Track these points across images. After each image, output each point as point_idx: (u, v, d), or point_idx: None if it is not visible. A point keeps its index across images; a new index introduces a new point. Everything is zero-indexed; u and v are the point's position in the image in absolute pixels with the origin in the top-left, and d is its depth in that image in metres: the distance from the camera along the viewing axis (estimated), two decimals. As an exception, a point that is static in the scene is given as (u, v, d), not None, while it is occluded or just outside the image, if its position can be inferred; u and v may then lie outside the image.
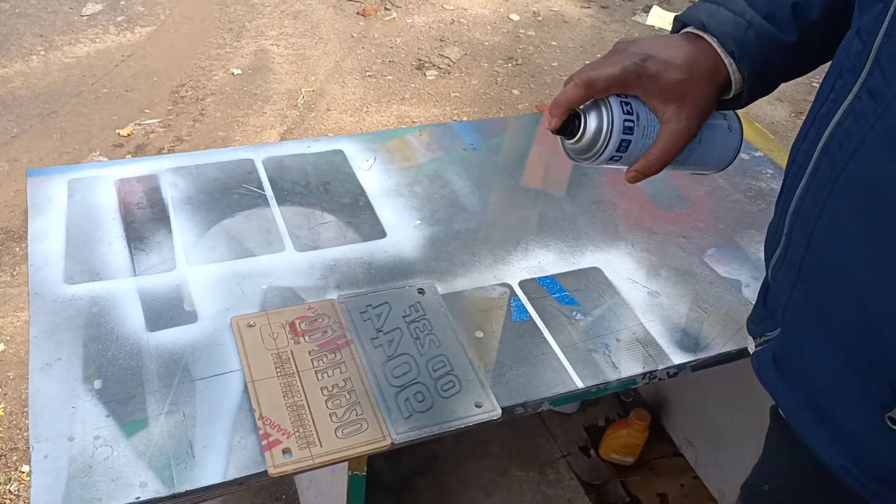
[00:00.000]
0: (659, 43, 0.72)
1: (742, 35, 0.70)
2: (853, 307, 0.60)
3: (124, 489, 0.76)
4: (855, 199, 0.59)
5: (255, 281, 1.01)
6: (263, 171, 1.21)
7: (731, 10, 0.71)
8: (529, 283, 1.06)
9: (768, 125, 3.07)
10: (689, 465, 1.67)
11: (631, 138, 0.70)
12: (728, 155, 0.78)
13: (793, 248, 0.67)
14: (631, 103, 0.70)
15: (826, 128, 0.62)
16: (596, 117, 0.70)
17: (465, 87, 3.14)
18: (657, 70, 0.70)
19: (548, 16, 3.75)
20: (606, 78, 0.69)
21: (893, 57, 0.55)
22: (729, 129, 0.77)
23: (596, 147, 0.70)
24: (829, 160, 0.61)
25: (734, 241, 1.18)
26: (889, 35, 0.56)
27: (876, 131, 0.56)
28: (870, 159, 0.57)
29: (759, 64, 0.71)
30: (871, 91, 0.57)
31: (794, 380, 0.69)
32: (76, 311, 0.94)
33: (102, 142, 2.63)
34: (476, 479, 1.60)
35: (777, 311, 0.71)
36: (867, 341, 0.60)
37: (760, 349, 0.75)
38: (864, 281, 0.59)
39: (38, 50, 3.09)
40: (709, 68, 0.71)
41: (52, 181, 1.14)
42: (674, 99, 0.70)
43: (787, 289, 0.69)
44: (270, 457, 0.80)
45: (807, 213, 0.64)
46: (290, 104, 2.92)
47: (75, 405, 0.83)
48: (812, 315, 0.66)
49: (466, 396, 0.89)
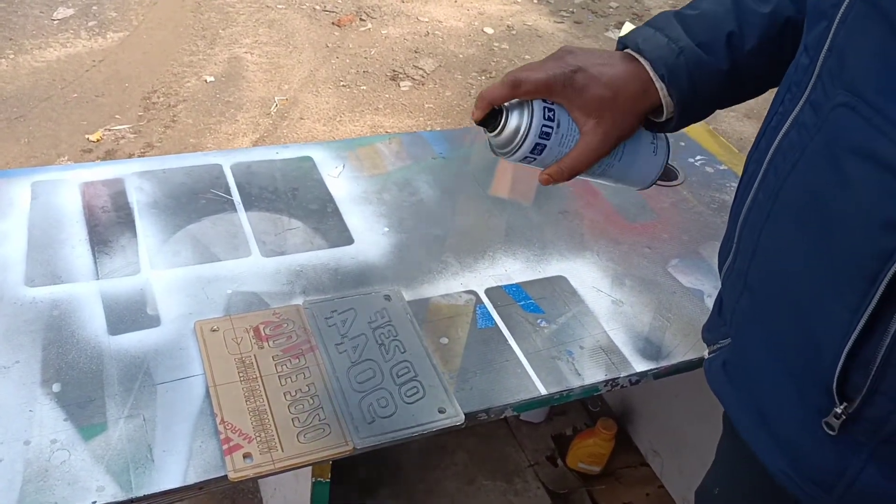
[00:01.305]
0: (596, 57, 0.73)
1: (673, 61, 0.72)
2: (791, 314, 0.62)
3: (81, 493, 0.75)
4: (795, 208, 0.61)
5: (220, 286, 1.01)
6: (231, 177, 1.20)
7: (667, 36, 0.73)
8: (495, 291, 1.07)
9: (736, 141, 3.13)
10: (654, 475, 1.68)
11: (547, 143, 0.72)
12: (648, 177, 0.80)
13: (741, 257, 0.69)
14: (555, 110, 0.72)
15: (775, 139, 0.64)
16: (517, 117, 0.72)
17: (438, 98, 3.15)
18: (584, 83, 0.71)
19: (522, 30, 3.79)
20: (533, 82, 0.71)
21: (833, 71, 0.57)
22: (654, 152, 0.79)
23: (512, 145, 0.73)
24: (774, 170, 0.63)
25: (697, 252, 1.20)
26: (830, 50, 0.58)
27: (815, 142, 0.58)
28: (809, 169, 0.59)
29: (689, 90, 0.73)
30: (813, 104, 0.59)
31: (740, 386, 0.70)
32: (36, 314, 0.93)
33: (71, 147, 2.60)
34: (443, 488, 1.60)
35: (727, 319, 0.73)
36: (803, 347, 0.61)
37: (712, 356, 0.77)
38: (802, 288, 0.60)
39: (7, 53, 3.05)
40: (637, 90, 0.73)
41: (15, 184, 1.12)
42: (594, 114, 0.72)
43: (734, 296, 0.70)
44: (231, 461, 0.79)
45: (753, 222, 0.66)
46: (263, 112, 2.91)
47: (33, 408, 0.82)
48: (756, 322, 0.67)
49: (430, 402, 0.89)
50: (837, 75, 0.56)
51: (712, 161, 1.43)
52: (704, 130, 1.53)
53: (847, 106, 0.55)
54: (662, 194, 1.32)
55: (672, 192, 1.33)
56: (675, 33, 0.73)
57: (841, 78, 0.56)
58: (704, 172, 1.40)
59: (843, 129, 0.55)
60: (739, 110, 3.34)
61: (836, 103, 0.56)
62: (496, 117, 0.73)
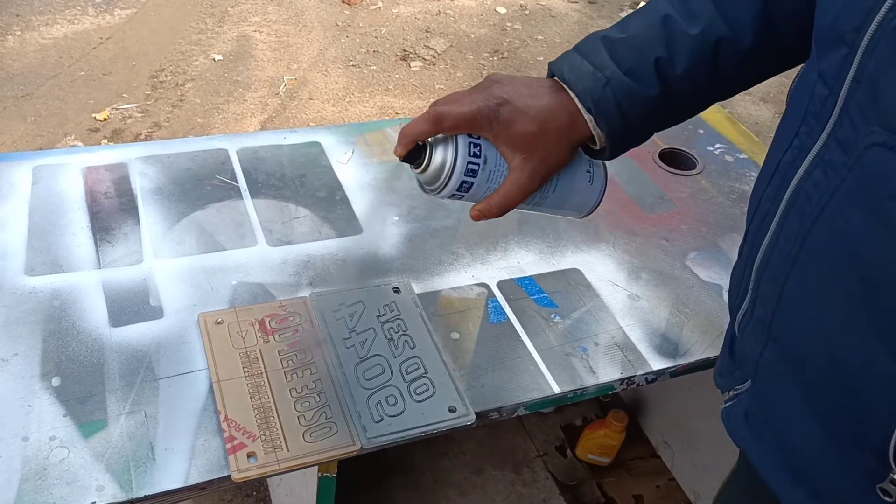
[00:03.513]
0: (524, 87, 0.68)
1: (600, 93, 0.67)
2: (830, 370, 0.57)
3: (80, 493, 0.73)
4: (828, 256, 0.55)
5: (224, 276, 0.98)
6: (237, 162, 1.17)
7: (592, 64, 0.68)
8: (508, 284, 1.04)
9: (752, 126, 3.07)
10: (665, 467, 1.66)
11: (474, 180, 0.68)
12: (585, 206, 0.77)
13: (761, 305, 0.64)
14: (481, 146, 0.68)
15: (793, 177, 0.58)
16: (441, 154, 0.68)
17: (449, 79, 3.10)
18: (510, 118, 0.67)
19: (535, 9, 3.72)
20: (456, 116, 0.66)
21: (863, 105, 0.52)
22: (590, 181, 0.75)
23: (437, 182, 0.69)
24: (797, 213, 0.58)
25: (716, 244, 1.16)
26: (858, 81, 0.52)
27: (847, 184, 0.53)
28: (842, 214, 0.54)
29: (619, 121, 0.69)
30: (840, 141, 0.54)
31: (769, 440, 0.65)
32: (36, 305, 0.90)
33: (78, 126, 2.57)
34: (450, 477, 1.58)
35: (747, 367, 0.68)
36: (849, 408, 0.56)
37: (731, 404, 0.71)
38: (841, 342, 0.55)
39: (14, 30, 3.01)
40: (564, 123, 0.68)
41: (16, 168, 1.10)
42: (522, 150, 0.68)
43: (757, 346, 0.65)
44: (235, 461, 0.77)
45: (775, 269, 0.61)
46: (272, 92, 2.87)
47: (31, 403, 0.80)
48: (786, 376, 0.62)
49: (440, 400, 0.87)
50: (870, 111, 0.51)
51: (732, 150, 1.39)
52: (724, 118, 1.48)
53: (885, 146, 0.49)
54: (680, 183, 1.28)
55: (690, 181, 1.30)
56: (601, 61, 0.68)
57: (875, 114, 0.51)
58: (724, 161, 1.36)
59: (881, 172, 0.50)
60: (755, 94, 3.27)
61: (871, 142, 0.50)
62: (420, 154, 0.69)
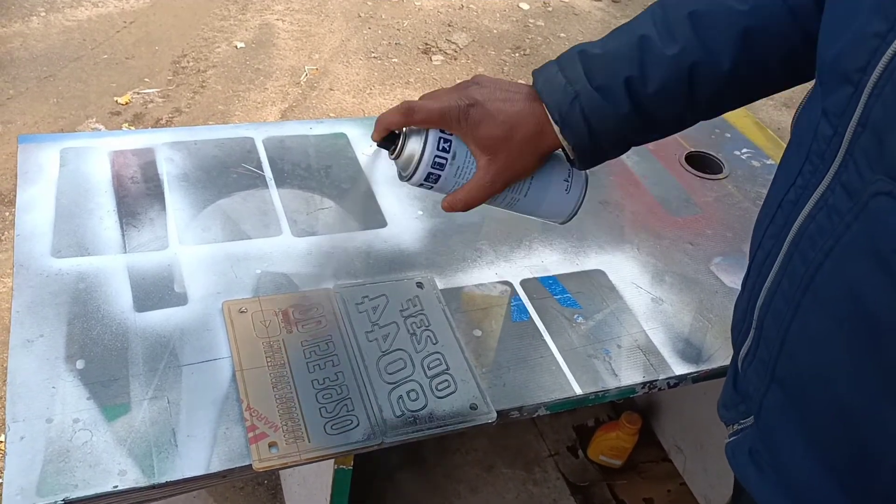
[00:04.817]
0: (499, 92, 0.70)
1: (568, 107, 0.68)
2: (835, 417, 0.56)
3: (102, 477, 0.73)
4: (833, 304, 0.54)
5: (249, 265, 0.98)
6: (263, 151, 1.17)
7: (566, 77, 0.69)
8: (531, 283, 1.04)
9: (774, 131, 3.04)
10: (676, 471, 1.65)
11: (441, 173, 0.71)
12: (562, 213, 0.78)
13: (764, 346, 0.63)
14: (451, 141, 0.71)
15: (795, 218, 0.57)
16: (412, 144, 0.71)
17: (470, 74, 3.08)
18: (478, 119, 0.69)
19: (558, 6, 3.70)
20: (426, 111, 0.69)
21: (868, 152, 0.50)
22: (567, 190, 0.76)
23: (407, 171, 0.72)
24: (801, 257, 0.57)
25: (741, 250, 1.15)
26: (863, 125, 0.50)
27: (852, 231, 0.52)
28: (846, 264, 0.52)
29: (586, 136, 0.69)
30: (846, 186, 0.52)
31: (774, 480, 0.64)
32: (62, 287, 0.91)
33: (99, 108, 2.58)
34: (461, 473, 1.58)
35: (751, 403, 0.67)
36: (857, 456, 0.55)
37: (735, 440, 0.70)
38: (850, 394, 0.54)
39: (39, 11, 3.02)
40: (532, 131, 0.70)
41: (44, 149, 1.10)
42: (487, 151, 0.70)
43: (760, 387, 0.64)
44: (256, 450, 0.77)
45: (778, 311, 0.60)
46: (293, 81, 2.87)
47: (55, 385, 0.80)
48: (790, 420, 0.61)
49: (462, 397, 0.86)
50: (875, 158, 0.50)
51: (759, 155, 1.38)
52: (752, 122, 1.47)
53: (891, 196, 0.48)
54: (706, 188, 1.27)
55: (716, 185, 1.28)
56: (574, 75, 0.69)
57: (880, 162, 0.49)
58: (750, 166, 1.35)
59: (887, 223, 0.49)
60: (778, 99, 3.24)
61: (877, 191, 0.49)
62: (395, 141, 0.72)
